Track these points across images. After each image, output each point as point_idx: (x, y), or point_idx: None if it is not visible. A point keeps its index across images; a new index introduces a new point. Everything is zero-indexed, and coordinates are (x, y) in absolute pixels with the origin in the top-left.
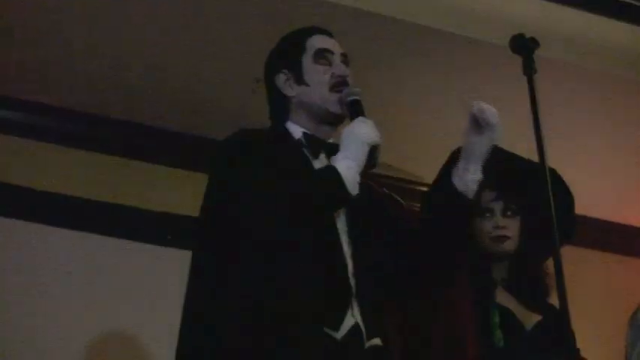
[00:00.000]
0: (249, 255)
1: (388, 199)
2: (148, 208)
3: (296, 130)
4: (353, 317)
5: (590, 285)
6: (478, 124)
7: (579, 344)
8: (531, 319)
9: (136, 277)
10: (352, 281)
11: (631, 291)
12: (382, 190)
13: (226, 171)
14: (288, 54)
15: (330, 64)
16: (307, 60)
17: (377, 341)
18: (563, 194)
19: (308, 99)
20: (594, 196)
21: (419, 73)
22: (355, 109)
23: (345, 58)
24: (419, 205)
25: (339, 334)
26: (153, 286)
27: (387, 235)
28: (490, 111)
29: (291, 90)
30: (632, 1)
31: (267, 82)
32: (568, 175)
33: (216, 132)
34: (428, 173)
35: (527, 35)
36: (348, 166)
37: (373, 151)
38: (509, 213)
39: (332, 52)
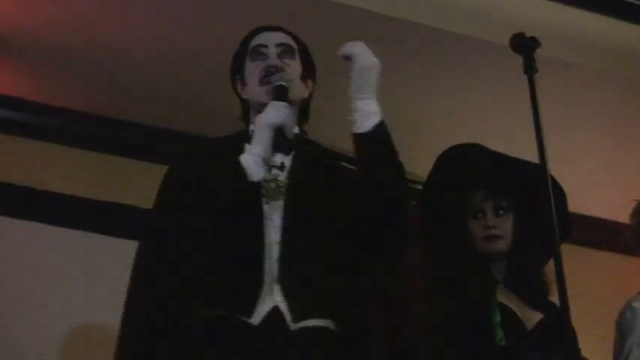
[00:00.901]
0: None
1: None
2: (148, 208)
3: (252, 129)
4: (272, 302)
5: (590, 284)
6: (348, 58)
7: (580, 343)
8: (532, 318)
9: None
10: (275, 266)
11: (631, 290)
12: (341, 168)
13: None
14: (237, 59)
15: (263, 58)
16: (248, 60)
17: (313, 322)
18: (556, 192)
19: (249, 97)
20: (594, 195)
21: (419, 73)
22: (277, 95)
23: (284, 48)
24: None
25: (255, 320)
26: None
27: (335, 211)
28: (348, 45)
29: (243, 92)
30: (633, 1)
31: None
32: (568, 174)
33: (217, 132)
34: (426, 172)
35: (528, 34)
36: (250, 152)
37: (280, 132)
38: (500, 212)
39: (265, 46)
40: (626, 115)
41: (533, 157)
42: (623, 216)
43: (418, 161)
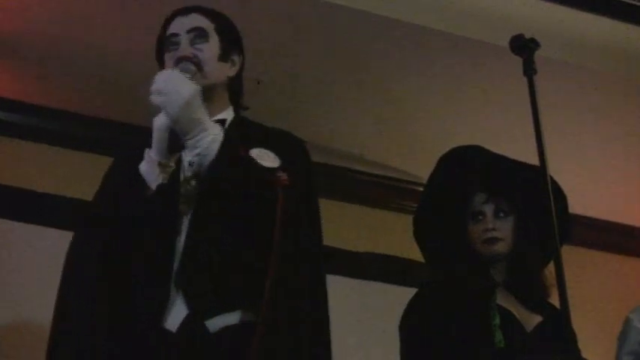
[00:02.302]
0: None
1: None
2: None
3: None
4: (184, 309)
5: (589, 285)
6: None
7: (580, 345)
8: (532, 320)
9: None
10: (175, 273)
11: (631, 291)
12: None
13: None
14: (157, 49)
15: (175, 47)
16: (165, 51)
17: (231, 319)
18: (557, 194)
19: None
20: (594, 196)
21: (419, 74)
22: None
23: (196, 33)
24: (415, 205)
25: (172, 327)
26: None
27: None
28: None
29: None
30: (633, 2)
31: None
32: (568, 175)
33: None
34: (427, 173)
35: (528, 36)
36: (146, 160)
37: (173, 132)
38: (501, 214)
39: (177, 34)
40: (626, 116)
41: (533, 158)
42: (623, 217)
43: (418, 163)
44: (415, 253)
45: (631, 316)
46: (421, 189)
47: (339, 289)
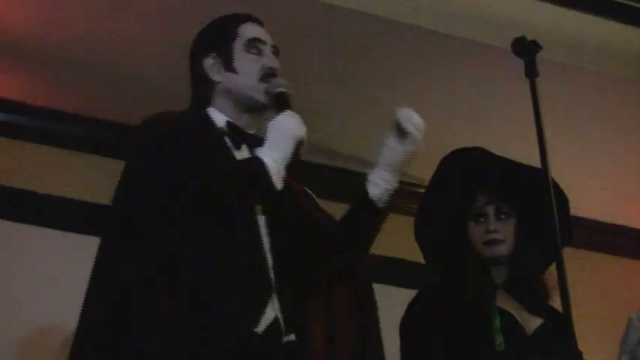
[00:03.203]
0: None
1: (305, 196)
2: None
3: (218, 117)
4: (273, 312)
5: (590, 287)
6: (402, 131)
7: (580, 346)
8: (533, 323)
9: None
10: (272, 275)
11: (631, 292)
12: (296, 184)
13: (156, 157)
14: (218, 38)
15: (260, 53)
16: (238, 47)
17: (292, 337)
18: (558, 196)
19: (235, 87)
20: (596, 198)
21: (420, 76)
22: (282, 102)
23: (276, 50)
24: (415, 207)
25: (259, 329)
26: None
27: (300, 229)
28: (414, 120)
29: (217, 75)
30: (634, 4)
31: (193, 63)
32: (570, 177)
33: None
34: (429, 175)
35: (530, 38)
36: (274, 159)
37: (299, 146)
38: (502, 216)
39: (264, 42)
40: (628, 119)
41: (534, 160)
42: (624, 219)
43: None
44: (416, 255)
45: (633, 317)
46: (422, 191)
47: None
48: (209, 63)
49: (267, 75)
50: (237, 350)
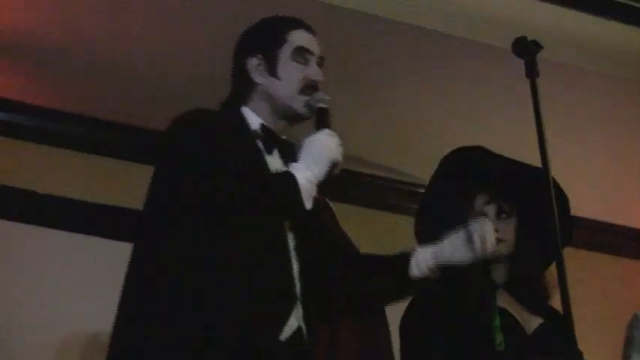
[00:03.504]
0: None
1: (325, 207)
2: None
3: (253, 119)
4: (296, 320)
5: (590, 287)
6: (471, 241)
7: (580, 346)
8: (533, 322)
9: None
10: (297, 284)
11: (631, 292)
12: (321, 198)
13: (194, 154)
14: (267, 41)
15: (306, 64)
16: (285, 54)
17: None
18: (559, 196)
19: (275, 92)
20: (596, 198)
21: (421, 76)
22: (322, 118)
23: (322, 61)
24: (415, 207)
25: (283, 336)
26: None
27: (323, 243)
28: (487, 238)
29: (260, 77)
30: (636, 4)
31: (237, 60)
32: (570, 177)
33: None
34: (429, 175)
35: (530, 38)
36: (308, 179)
37: (333, 167)
38: (503, 215)
39: (312, 53)
40: (628, 118)
41: (535, 160)
42: (625, 219)
43: (419, 164)
44: None
45: (638, 314)
46: (422, 190)
47: None
48: (253, 63)
49: (309, 87)
50: (261, 358)
